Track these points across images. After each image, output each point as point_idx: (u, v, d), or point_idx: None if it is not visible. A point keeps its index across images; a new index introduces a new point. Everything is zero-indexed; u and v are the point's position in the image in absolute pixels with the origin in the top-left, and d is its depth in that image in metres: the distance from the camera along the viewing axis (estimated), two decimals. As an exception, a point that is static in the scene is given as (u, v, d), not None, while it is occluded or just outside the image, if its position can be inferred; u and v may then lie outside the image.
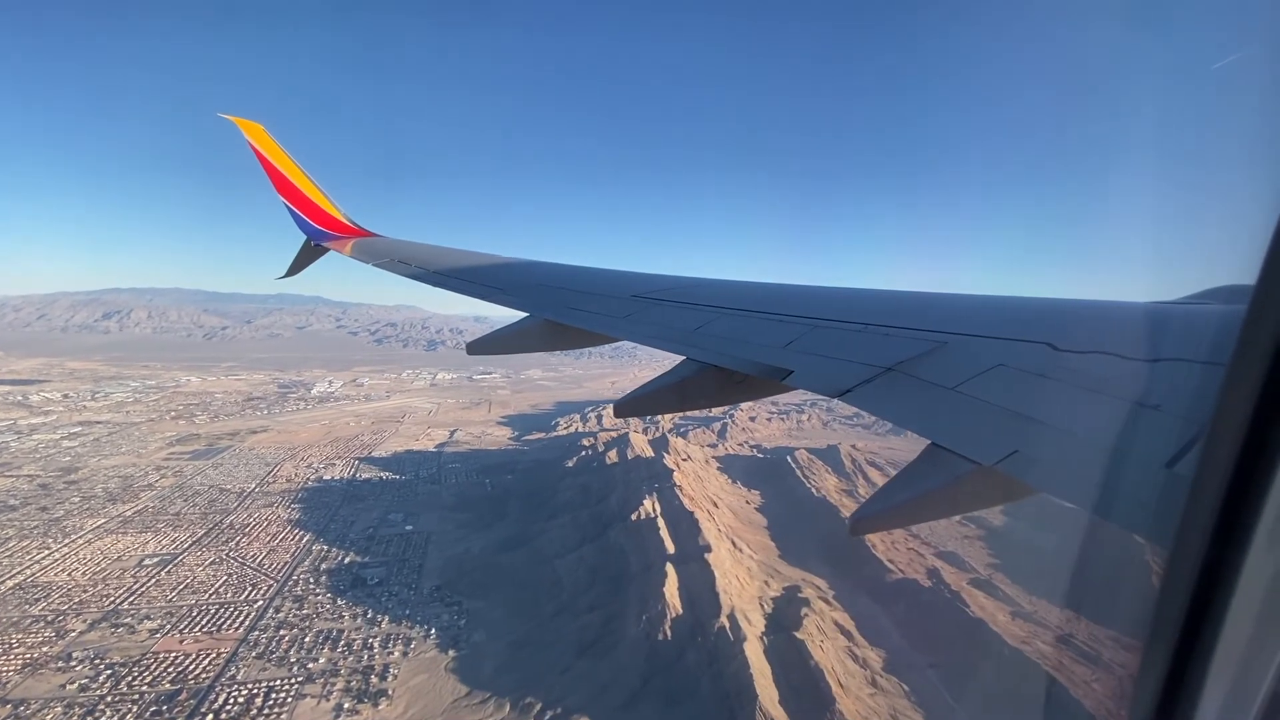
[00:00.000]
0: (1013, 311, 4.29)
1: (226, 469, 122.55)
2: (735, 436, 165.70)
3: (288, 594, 73.79)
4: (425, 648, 63.87)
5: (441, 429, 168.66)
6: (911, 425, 3.01)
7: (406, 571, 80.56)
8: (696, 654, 57.27)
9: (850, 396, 3.38)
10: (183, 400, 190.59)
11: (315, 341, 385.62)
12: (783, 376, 3.90)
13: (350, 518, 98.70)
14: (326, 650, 62.91)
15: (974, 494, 2.70)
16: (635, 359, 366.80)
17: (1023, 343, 3.50)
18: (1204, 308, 4.08)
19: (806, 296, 5.64)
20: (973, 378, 3.20)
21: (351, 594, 74.28)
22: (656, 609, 61.72)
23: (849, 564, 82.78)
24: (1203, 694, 1.50)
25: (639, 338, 5.29)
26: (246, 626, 67.08)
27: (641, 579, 68.37)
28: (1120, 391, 2.73)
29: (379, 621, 68.55)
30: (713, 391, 4.53)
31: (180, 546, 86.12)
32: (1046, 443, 2.64)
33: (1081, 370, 3.07)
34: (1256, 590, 1.38)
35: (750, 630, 58.85)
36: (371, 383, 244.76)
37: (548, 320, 6.13)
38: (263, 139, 11.23)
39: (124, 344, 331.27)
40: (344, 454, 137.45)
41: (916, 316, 4.35)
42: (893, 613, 71.08)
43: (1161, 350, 3.04)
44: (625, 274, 7.64)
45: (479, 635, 65.71)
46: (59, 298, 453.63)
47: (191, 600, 72.31)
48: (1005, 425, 2.77)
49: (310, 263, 12.31)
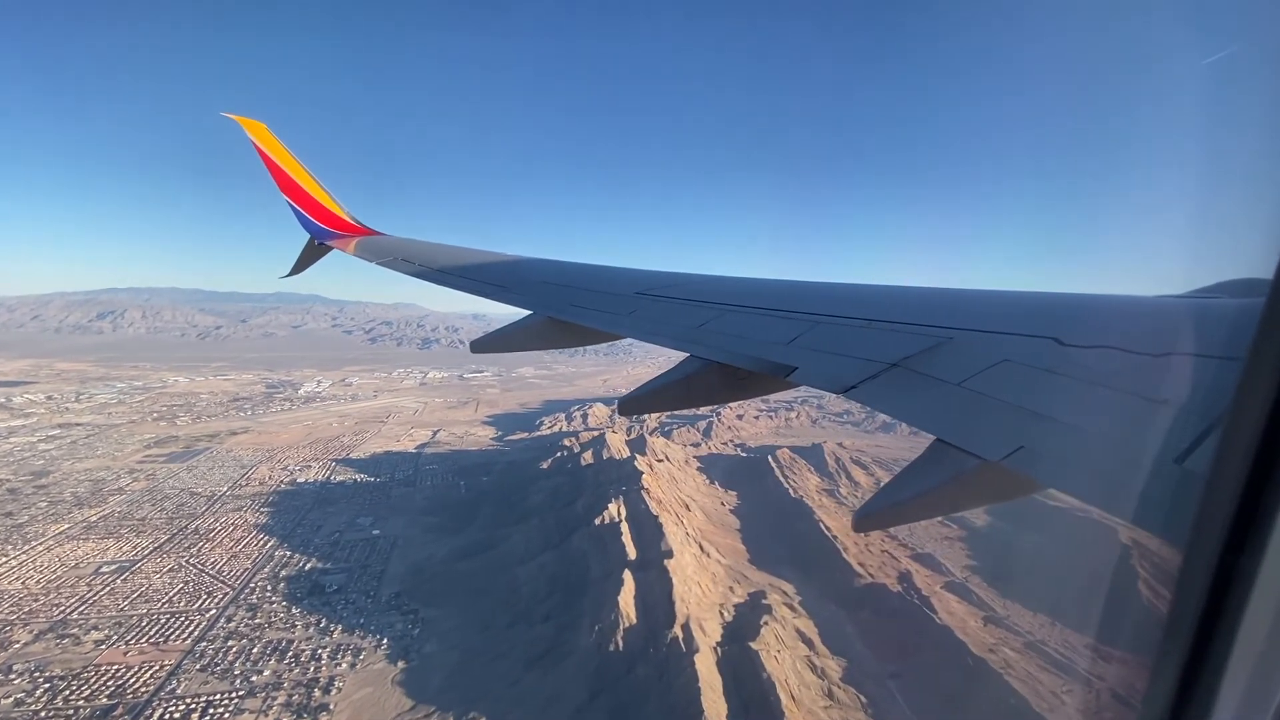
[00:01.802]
0: (1018, 306, 4.28)
1: (200, 472, 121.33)
2: (720, 435, 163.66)
3: (242, 602, 72.40)
4: (375, 659, 62.37)
5: (425, 429, 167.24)
6: (916, 421, 2.96)
7: (367, 578, 79.10)
8: (647, 666, 55.59)
9: (854, 393, 3.36)
10: (167, 401, 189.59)
11: (309, 341, 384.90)
12: (787, 373, 3.88)
13: (318, 522, 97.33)
14: (273, 662, 61.48)
15: (979, 490, 2.69)
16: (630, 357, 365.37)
17: (1028, 338, 3.48)
18: (1215, 301, 3.95)
19: (810, 292, 5.55)
20: (978, 373, 3.17)
21: (308, 602, 72.84)
22: (609, 619, 60.02)
23: (819, 568, 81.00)
24: (1218, 696, 1.47)
25: (642, 335, 5.28)
26: (195, 637, 65.72)
27: (599, 587, 66.68)
28: (1128, 386, 2.70)
29: (331, 631, 67.08)
30: (717, 388, 4.51)
31: (140, 553, 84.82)
32: (1053, 438, 2.59)
33: (1089, 365, 3.02)
34: (1274, 590, 1.35)
35: (704, 641, 57.10)
36: (360, 382, 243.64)
37: (551, 318, 6.10)
38: (266, 137, 11.16)
39: (117, 344, 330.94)
40: (322, 456, 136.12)
41: (920, 312, 4.32)
42: (858, 619, 69.27)
43: (1171, 345, 3.04)
44: (628, 271, 7.58)
45: (431, 646, 64.17)
46: (54, 298, 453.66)
47: (143, 609, 70.97)
48: (1011, 421, 2.73)
49: (314, 261, 12.20)
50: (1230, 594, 1.40)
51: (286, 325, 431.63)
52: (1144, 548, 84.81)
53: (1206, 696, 1.48)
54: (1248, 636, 1.39)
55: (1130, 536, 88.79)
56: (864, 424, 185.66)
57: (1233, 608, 1.40)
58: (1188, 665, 1.51)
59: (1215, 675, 1.45)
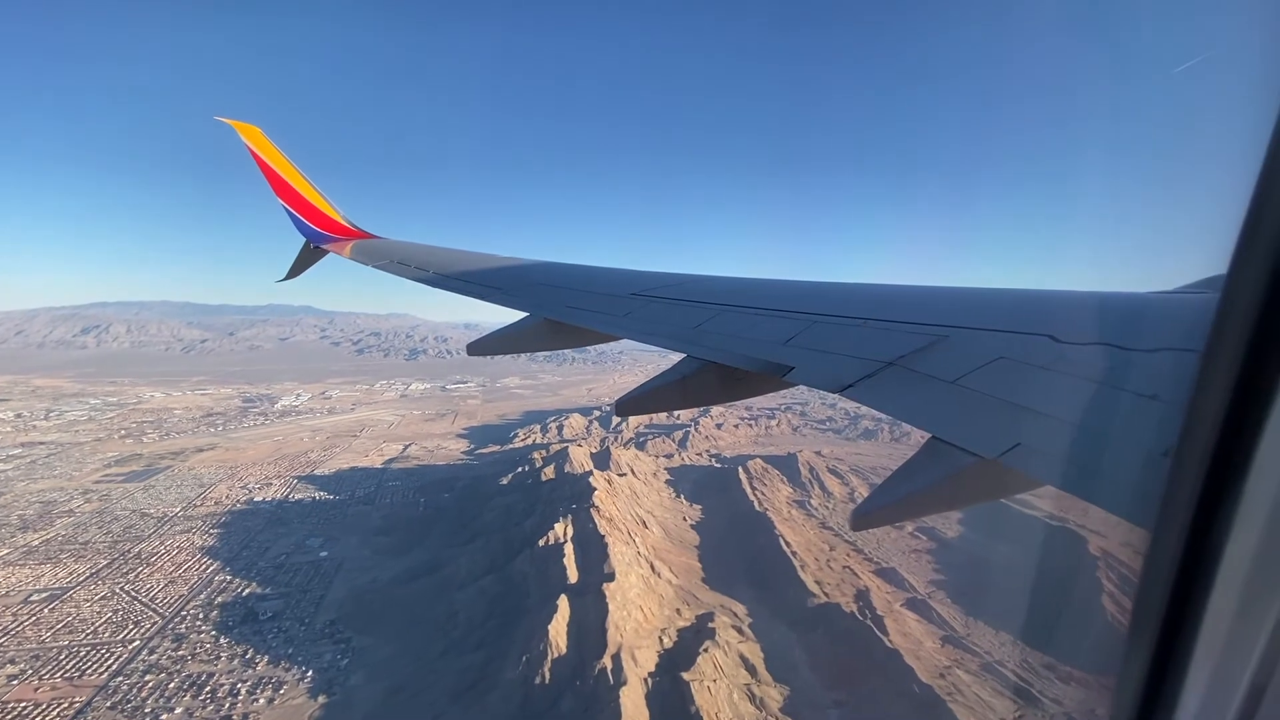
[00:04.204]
0: (1013, 304, 4.29)
1: (157, 491, 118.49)
2: (697, 445, 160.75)
3: (169, 632, 69.57)
4: (296, 694, 59.54)
5: (397, 443, 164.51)
6: (913, 419, 2.98)
7: (305, 604, 76.26)
8: (574, 700, 52.80)
9: (851, 392, 3.38)
10: (138, 418, 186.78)
11: (296, 353, 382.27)
12: (784, 373, 3.88)
13: (267, 543, 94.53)
14: (187, 698, 58.62)
15: (975, 487, 2.69)
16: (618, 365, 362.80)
17: (1024, 335, 3.50)
18: (1203, 296, 4.03)
19: (806, 292, 5.54)
20: (973, 371, 3.18)
21: (238, 631, 70.01)
22: (538, 649, 57.24)
23: (775, 586, 78.27)
24: (1185, 684, 1.51)
25: (639, 335, 5.25)
26: (113, 671, 62.87)
27: (536, 614, 63.89)
28: (1123, 383, 2.72)
29: (256, 663, 64.22)
30: (714, 388, 4.50)
31: (76, 579, 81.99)
32: (1049, 435, 2.62)
33: (1084, 362, 3.04)
34: (1237, 577, 1.39)
35: (635, 672, 54.36)
36: (340, 395, 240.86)
37: (548, 319, 6.06)
38: (260, 142, 11.07)
39: (99, 359, 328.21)
40: (285, 473, 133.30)
41: (916, 310, 4.32)
42: (809, 642, 66.50)
43: (1165, 340, 3.06)
44: (625, 272, 7.54)
45: (357, 678, 61.36)
46: (41, 313, 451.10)
47: (66, 641, 68.13)
48: (1007, 418, 2.76)
49: (310, 265, 12.13)
50: (1195, 584, 1.43)
51: (274, 338, 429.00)
52: (1111, 559, 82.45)
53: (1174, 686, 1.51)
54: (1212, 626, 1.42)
55: (1099, 547, 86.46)
56: (845, 431, 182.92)
57: (1198, 597, 1.43)
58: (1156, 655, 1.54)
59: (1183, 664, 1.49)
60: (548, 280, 7.66)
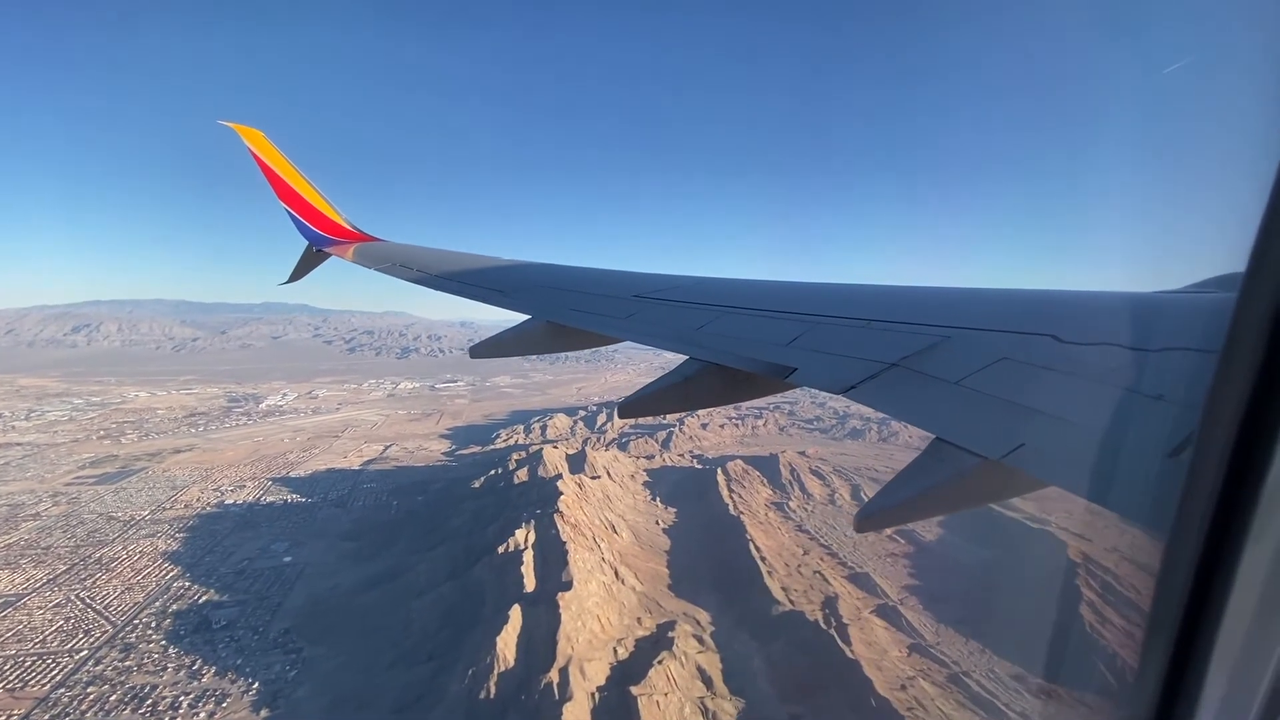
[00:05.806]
0: (1016, 304, 4.27)
1: (128, 494, 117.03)
2: (680, 445, 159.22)
3: (119, 641, 68.10)
4: (239, 706, 58.06)
5: (378, 444, 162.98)
6: (916, 420, 2.98)
7: (261, 612, 74.76)
8: (518, 716, 51.29)
9: (854, 393, 3.37)
10: (120, 418, 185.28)
11: (287, 351, 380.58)
12: (787, 374, 3.86)
13: (231, 548, 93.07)
14: (128, 711, 57.20)
15: (980, 488, 2.69)
16: (612, 363, 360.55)
17: (1027, 335, 3.49)
18: (1211, 296, 3.99)
19: (808, 293, 5.55)
20: (977, 371, 3.17)
21: (189, 640, 68.54)
22: (485, 661, 55.71)
23: (742, 592, 76.75)
24: (1204, 688, 1.49)
25: (641, 338, 5.23)
26: (56, 682, 61.43)
27: (489, 623, 62.38)
28: (1128, 383, 2.71)
29: (203, 674, 62.77)
30: (717, 390, 4.48)
31: (33, 585, 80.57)
32: (1053, 435, 2.61)
33: (1088, 362, 3.03)
34: (1255, 580, 1.37)
35: (582, 686, 52.84)
36: (327, 394, 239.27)
37: (550, 322, 6.03)
38: (263, 145, 11.09)
39: (88, 358, 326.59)
40: (260, 475, 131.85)
41: (919, 311, 4.30)
42: (769, 652, 64.95)
43: (1168, 340, 3.07)
44: (626, 274, 7.50)
45: (304, 690, 59.89)
46: (32, 311, 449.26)
47: (13, 650, 66.69)
48: (1011, 418, 2.76)
49: (312, 268, 12.15)
50: (1213, 587, 1.41)
51: (266, 336, 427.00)
52: (1093, 564, 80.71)
53: (1192, 689, 1.50)
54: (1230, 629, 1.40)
55: (1080, 551, 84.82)
56: (833, 430, 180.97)
57: (1216, 601, 1.41)
58: (1174, 658, 1.52)
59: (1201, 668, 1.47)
60: (550, 283, 7.64)
